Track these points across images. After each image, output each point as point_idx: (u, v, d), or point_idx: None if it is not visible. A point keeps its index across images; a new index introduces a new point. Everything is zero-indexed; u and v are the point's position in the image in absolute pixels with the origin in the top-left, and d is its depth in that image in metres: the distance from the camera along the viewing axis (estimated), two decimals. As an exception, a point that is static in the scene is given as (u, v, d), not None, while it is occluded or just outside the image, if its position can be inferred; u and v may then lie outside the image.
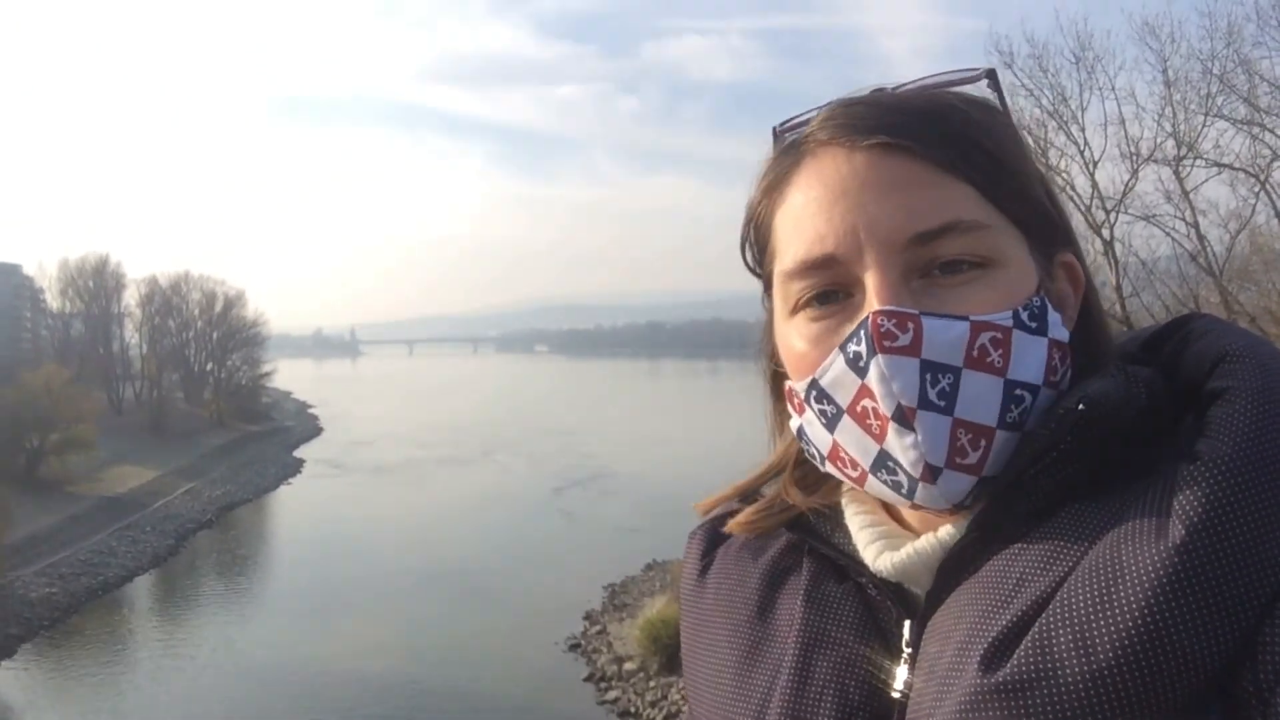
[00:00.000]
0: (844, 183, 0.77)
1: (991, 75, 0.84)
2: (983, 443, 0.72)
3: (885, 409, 0.72)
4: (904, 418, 0.71)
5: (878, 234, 0.74)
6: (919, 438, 0.71)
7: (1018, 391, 0.73)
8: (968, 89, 0.83)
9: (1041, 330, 0.75)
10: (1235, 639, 0.61)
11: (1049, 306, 0.76)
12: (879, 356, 0.71)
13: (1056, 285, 0.80)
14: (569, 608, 29.80)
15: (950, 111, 0.78)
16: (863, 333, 0.73)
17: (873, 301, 0.74)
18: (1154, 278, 15.72)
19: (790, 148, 0.83)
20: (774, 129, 0.89)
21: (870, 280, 0.74)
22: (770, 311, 0.87)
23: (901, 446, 0.72)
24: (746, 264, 0.90)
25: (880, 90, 0.83)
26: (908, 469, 0.72)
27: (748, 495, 0.98)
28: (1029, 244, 0.78)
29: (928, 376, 0.71)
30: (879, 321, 0.72)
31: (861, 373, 0.73)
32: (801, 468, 0.91)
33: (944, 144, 0.76)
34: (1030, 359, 0.73)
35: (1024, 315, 0.74)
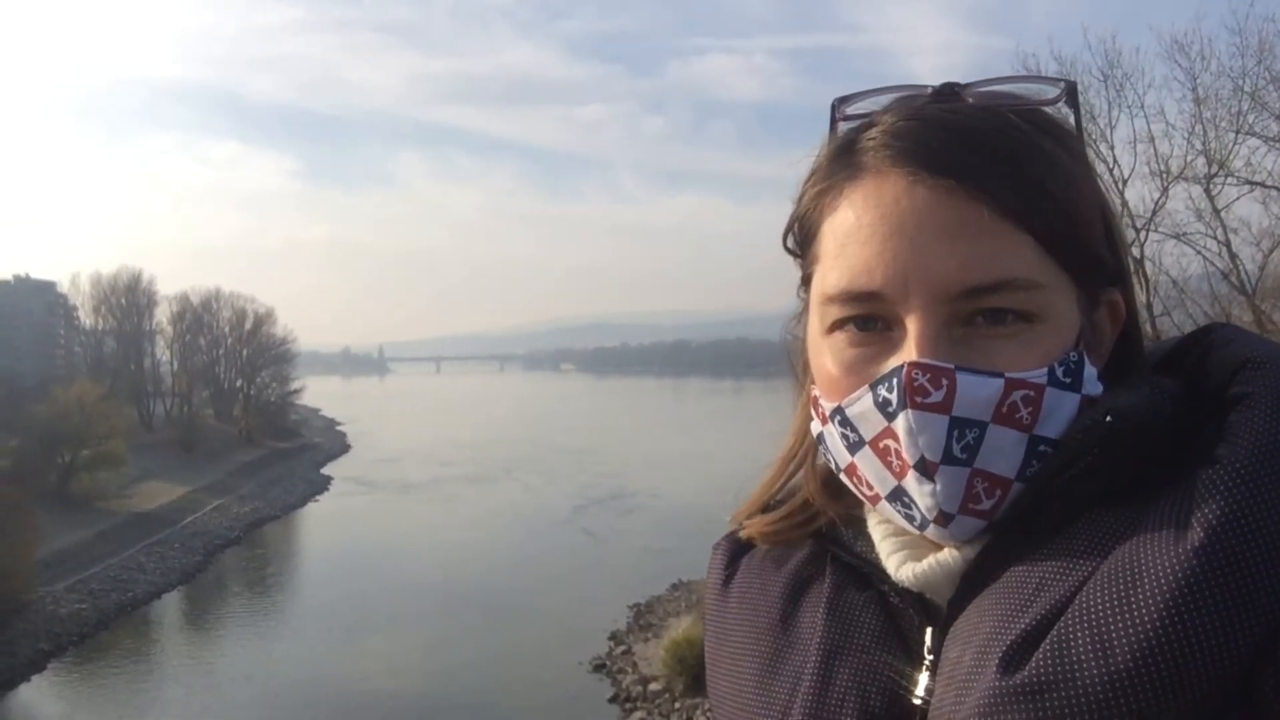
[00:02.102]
0: (901, 218, 0.74)
1: (1071, 93, 0.80)
2: (998, 492, 0.73)
3: (908, 458, 0.73)
4: (926, 469, 0.72)
5: (927, 282, 0.72)
6: (937, 488, 0.72)
7: (1041, 447, 0.73)
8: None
9: (1075, 386, 0.74)
10: (1255, 642, 0.60)
11: (1085, 361, 0.76)
12: (908, 411, 0.71)
13: (1096, 324, 0.79)
14: (594, 627, 29.69)
15: (1026, 153, 0.75)
16: (895, 381, 0.72)
17: (910, 350, 0.72)
18: (1185, 296, 15.59)
19: (850, 152, 0.79)
20: (833, 104, 0.84)
21: (912, 326, 0.73)
22: (805, 304, 0.86)
23: (920, 492, 0.73)
24: (786, 248, 0.88)
25: (953, 96, 0.79)
26: (923, 511, 0.74)
27: (768, 506, 0.97)
28: (1078, 291, 0.76)
29: (955, 433, 0.71)
30: (913, 375, 0.71)
31: (889, 418, 0.73)
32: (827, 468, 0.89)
33: (1013, 191, 0.73)
34: (1060, 415, 0.73)
35: (1059, 371, 0.73)
